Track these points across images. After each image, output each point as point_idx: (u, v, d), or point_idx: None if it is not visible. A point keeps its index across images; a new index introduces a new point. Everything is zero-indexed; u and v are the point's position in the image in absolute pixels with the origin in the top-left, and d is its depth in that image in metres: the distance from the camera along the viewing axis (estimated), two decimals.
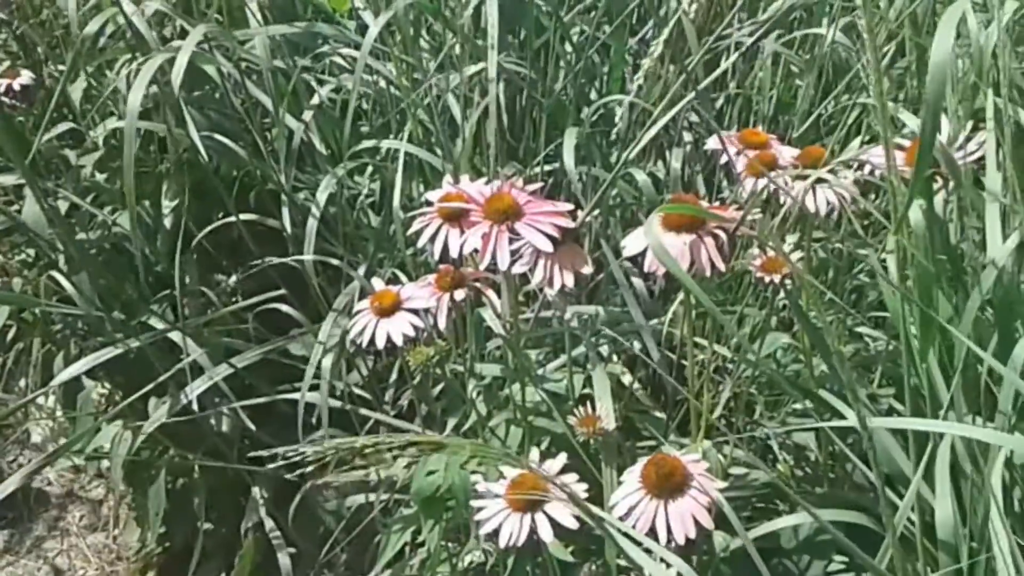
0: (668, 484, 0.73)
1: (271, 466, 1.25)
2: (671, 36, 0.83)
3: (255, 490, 1.34)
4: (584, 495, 0.78)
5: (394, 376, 1.33)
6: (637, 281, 1.17)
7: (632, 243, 0.79)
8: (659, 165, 1.40)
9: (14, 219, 1.22)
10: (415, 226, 0.86)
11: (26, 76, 1.32)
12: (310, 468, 1.17)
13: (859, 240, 1.00)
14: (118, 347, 1.17)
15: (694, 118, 1.32)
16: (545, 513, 0.76)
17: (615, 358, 1.15)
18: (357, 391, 1.29)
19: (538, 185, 0.86)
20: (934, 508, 0.69)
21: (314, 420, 1.15)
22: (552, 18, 1.28)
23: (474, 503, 0.79)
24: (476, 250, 0.82)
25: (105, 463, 1.32)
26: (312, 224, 1.17)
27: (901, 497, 0.78)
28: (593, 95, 1.42)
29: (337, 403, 1.18)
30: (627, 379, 1.09)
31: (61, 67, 1.41)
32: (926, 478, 0.70)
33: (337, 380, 1.20)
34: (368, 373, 1.32)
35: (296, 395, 1.15)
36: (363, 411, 1.17)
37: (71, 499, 1.52)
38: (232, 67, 1.28)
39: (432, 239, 0.85)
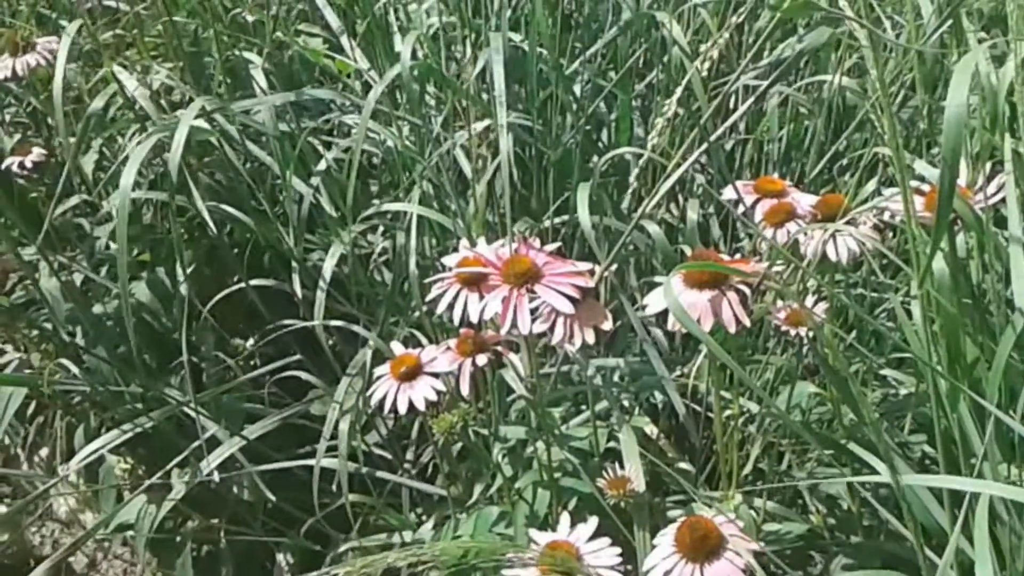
0: (703, 547, 0.72)
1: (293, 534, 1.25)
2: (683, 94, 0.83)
3: (280, 556, 1.33)
4: (617, 559, 0.77)
5: (415, 433, 1.32)
6: (656, 330, 1.16)
7: (654, 301, 0.79)
8: (672, 208, 1.39)
9: (32, 294, 1.22)
10: (433, 292, 0.86)
11: (37, 152, 1.32)
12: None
13: (879, 282, 0.99)
14: (136, 426, 1.17)
15: (705, 159, 1.32)
16: None
17: (637, 409, 1.14)
18: (377, 451, 1.28)
19: (556, 245, 0.85)
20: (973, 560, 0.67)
21: (334, 487, 1.14)
22: (555, 69, 1.28)
23: (506, 572, 0.78)
24: (497, 313, 0.81)
25: (130, 533, 1.31)
26: (321, 293, 1.17)
27: (936, 545, 0.77)
28: (601, 142, 1.42)
29: (356, 466, 1.17)
30: (651, 430, 1.08)
31: (72, 139, 1.41)
32: (963, 530, 0.69)
33: (356, 441, 1.18)
34: (388, 432, 1.31)
35: (313, 461, 1.14)
36: (384, 475, 1.16)
37: (96, 571, 1.51)
38: (237, 134, 1.27)
39: (451, 305, 0.84)
